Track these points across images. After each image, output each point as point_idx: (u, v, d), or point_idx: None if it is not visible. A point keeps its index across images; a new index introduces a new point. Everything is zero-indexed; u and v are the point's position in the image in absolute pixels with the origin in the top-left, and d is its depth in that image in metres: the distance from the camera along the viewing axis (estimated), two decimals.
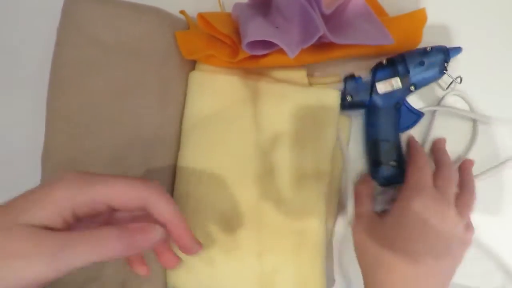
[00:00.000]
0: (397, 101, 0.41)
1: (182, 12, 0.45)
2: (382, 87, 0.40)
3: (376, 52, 0.42)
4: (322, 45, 0.41)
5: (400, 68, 0.40)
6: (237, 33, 0.41)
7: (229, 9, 0.43)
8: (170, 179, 0.43)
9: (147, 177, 0.41)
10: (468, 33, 0.44)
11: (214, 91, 0.42)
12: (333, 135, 0.41)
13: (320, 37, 0.38)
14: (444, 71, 0.40)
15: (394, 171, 0.41)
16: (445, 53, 0.40)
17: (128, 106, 0.41)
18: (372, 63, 0.42)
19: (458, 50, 0.41)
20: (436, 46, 0.40)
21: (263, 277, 0.40)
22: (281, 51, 0.38)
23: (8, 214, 0.25)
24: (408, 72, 0.40)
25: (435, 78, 0.41)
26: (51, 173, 0.40)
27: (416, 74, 0.40)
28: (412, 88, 0.40)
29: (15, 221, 0.24)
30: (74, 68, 0.41)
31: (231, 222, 0.41)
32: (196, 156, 0.42)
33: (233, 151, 0.42)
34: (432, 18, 0.42)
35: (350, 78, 0.42)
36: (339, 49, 0.41)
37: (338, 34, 0.38)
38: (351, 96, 0.41)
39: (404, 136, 0.43)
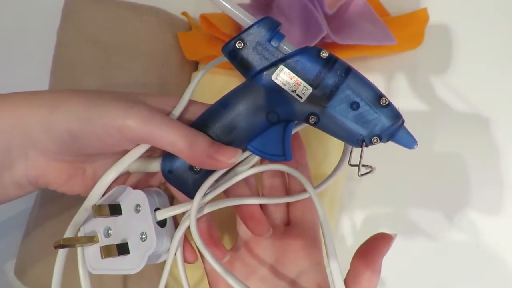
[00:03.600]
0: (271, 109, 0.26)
1: (184, 13, 0.45)
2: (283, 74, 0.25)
3: (378, 52, 0.42)
4: (324, 46, 0.40)
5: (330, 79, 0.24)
6: None
7: None
8: None
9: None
10: (469, 33, 0.44)
11: (217, 91, 0.42)
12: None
13: (322, 38, 0.37)
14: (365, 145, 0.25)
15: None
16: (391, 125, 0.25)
17: None
18: (374, 63, 0.42)
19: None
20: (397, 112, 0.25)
21: None
22: None
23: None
24: (333, 94, 0.24)
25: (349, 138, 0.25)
26: None
27: (336, 106, 0.24)
28: (312, 119, 0.25)
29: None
30: (74, 68, 0.40)
31: None
32: None
33: None
34: (434, 18, 0.42)
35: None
36: (340, 50, 0.41)
37: (340, 34, 0.38)
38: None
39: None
